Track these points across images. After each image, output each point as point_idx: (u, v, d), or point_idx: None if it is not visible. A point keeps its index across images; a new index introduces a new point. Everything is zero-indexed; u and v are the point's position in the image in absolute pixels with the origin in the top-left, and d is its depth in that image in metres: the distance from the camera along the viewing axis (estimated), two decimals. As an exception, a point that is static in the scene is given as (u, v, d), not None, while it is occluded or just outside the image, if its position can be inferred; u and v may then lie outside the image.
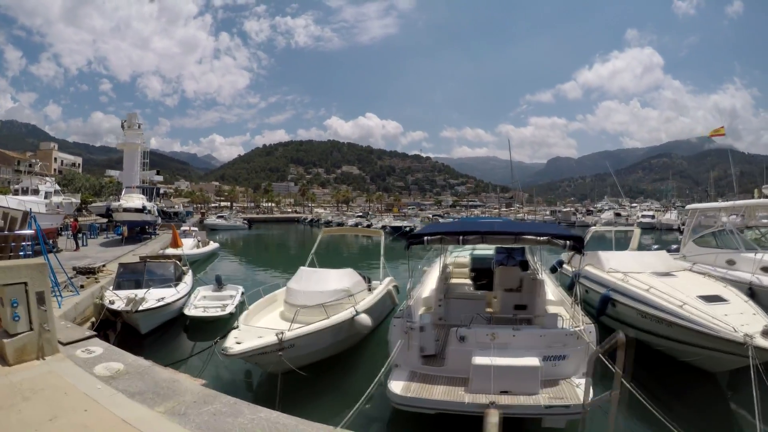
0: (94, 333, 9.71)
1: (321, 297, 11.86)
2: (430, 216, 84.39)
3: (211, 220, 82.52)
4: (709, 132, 34.09)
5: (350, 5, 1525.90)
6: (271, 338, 9.45)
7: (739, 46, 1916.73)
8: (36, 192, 39.55)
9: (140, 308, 13.30)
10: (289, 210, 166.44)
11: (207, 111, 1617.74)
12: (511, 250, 13.51)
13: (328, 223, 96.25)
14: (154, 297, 14.33)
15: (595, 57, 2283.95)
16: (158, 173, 66.02)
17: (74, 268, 18.52)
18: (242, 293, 18.63)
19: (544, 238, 9.23)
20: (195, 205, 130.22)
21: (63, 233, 33.21)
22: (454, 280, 13.78)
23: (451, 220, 79.15)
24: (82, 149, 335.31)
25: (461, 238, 9.39)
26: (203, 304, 17.03)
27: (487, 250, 15.50)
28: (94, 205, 62.88)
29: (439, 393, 7.97)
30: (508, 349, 8.36)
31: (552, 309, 10.59)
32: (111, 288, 15.58)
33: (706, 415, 9.16)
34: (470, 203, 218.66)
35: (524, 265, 13.25)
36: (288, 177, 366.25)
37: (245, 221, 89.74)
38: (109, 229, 42.44)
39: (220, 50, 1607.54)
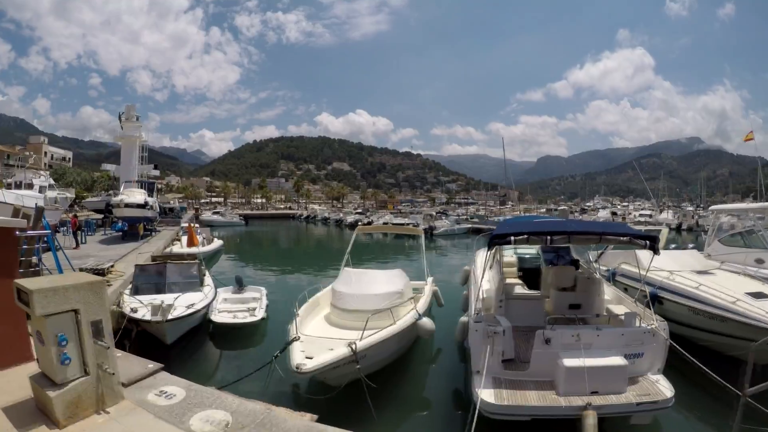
0: (161, 366, 7.59)
1: (375, 300, 11.25)
2: (434, 213, 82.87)
3: (207, 216, 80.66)
4: (743, 137, 36.38)
5: (342, 1, 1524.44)
6: (343, 350, 8.62)
7: (730, 48, 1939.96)
8: (30, 186, 37.83)
9: (170, 317, 11.86)
10: (281, 206, 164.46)
11: (197, 106, 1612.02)
12: (558, 249, 13.07)
13: (325, 220, 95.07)
14: (182, 303, 12.94)
15: (586, 57, 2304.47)
16: (156, 167, 64.09)
17: (81, 269, 16.98)
18: (266, 295, 17.59)
19: (626, 238, 9.00)
20: (188, 201, 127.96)
21: (60, 230, 31.61)
22: (508, 280, 12.92)
23: (455, 216, 77.88)
24: (71, 144, 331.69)
25: (549, 238, 8.92)
26: (227, 307, 15.84)
27: (530, 249, 14.94)
28: (88, 200, 60.88)
29: (533, 398, 7.76)
30: (591, 349, 8.23)
31: (612, 308, 10.80)
32: (128, 292, 14.18)
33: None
34: (464, 200, 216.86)
35: (574, 264, 12.81)
36: (279, 173, 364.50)
37: (241, 217, 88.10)
38: (106, 225, 40.76)
39: (211, 45, 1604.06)
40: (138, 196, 34.95)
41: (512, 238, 8.96)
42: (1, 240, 6.46)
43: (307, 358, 8.39)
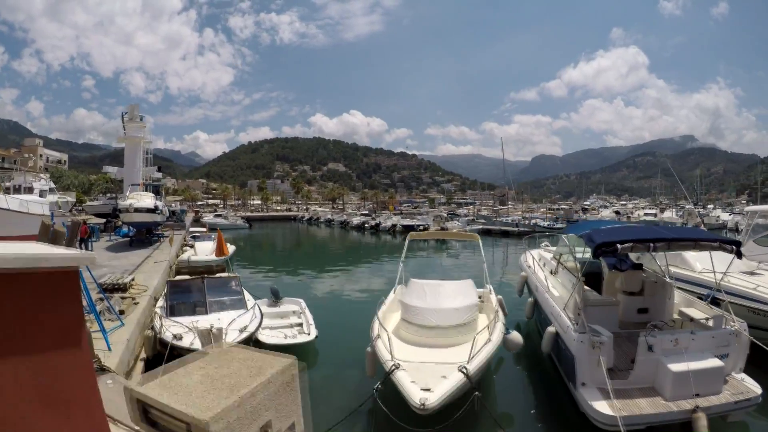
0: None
1: (455, 315, 10.74)
2: (445, 215, 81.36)
3: (209, 219, 78.69)
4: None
5: (336, 2, 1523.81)
6: (458, 375, 7.93)
7: (724, 46, 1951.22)
8: (30, 190, 35.89)
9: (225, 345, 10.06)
10: (278, 207, 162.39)
11: (190, 108, 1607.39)
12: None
13: (329, 222, 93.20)
14: (235, 326, 11.25)
15: (580, 55, 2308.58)
16: (159, 170, 61.74)
17: (98, 285, 15.07)
18: (307, 307, 16.05)
19: (716, 243, 9.13)
20: (187, 204, 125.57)
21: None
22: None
23: (465, 216, 76.34)
24: (64, 146, 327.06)
25: (651, 245, 8.80)
26: (267, 324, 14.03)
27: (585, 253, 13.83)
28: (89, 203, 58.57)
29: (645, 406, 7.81)
30: (688, 352, 8.29)
31: (686, 311, 10.67)
32: (160, 311, 12.40)
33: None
34: (463, 200, 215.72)
35: (637, 268, 12.43)
36: (274, 174, 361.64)
37: (245, 220, 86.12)
38: (109, 230, 38.86)
39: (204, 46, 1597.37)
40: (148, 200, 33.04)
41: (618, 246, 8.57)
42: (60, 290, 3.06)
43: (423, 390, 7.46)
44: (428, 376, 7.99)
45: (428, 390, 7.43)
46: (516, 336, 10.59)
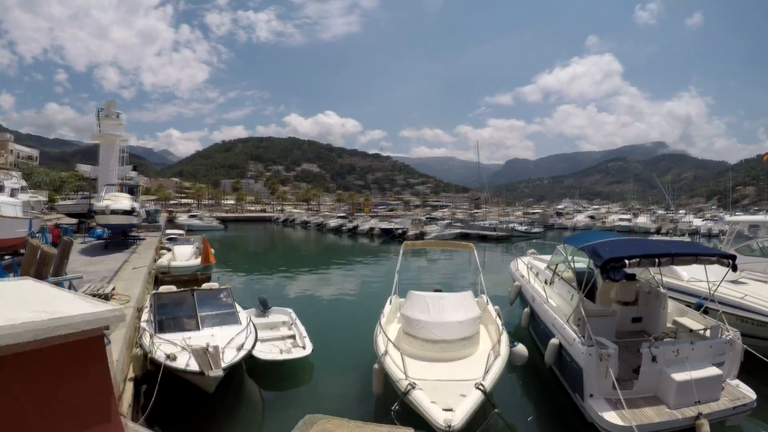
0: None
1: (460, 328, 10.58)
2: (423, 218, 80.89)
3: (184, 219, 77.01)
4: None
5: (314, 1, 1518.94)
6: (476, 393, 7.87)
7: (697, 56, 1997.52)
8: (0, 189, 34.51)
9: (225, 364, 9.53)
10: (252, 208, 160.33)
11: (164, 105, 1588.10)
12: None
13: (305, 224, 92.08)
14: (233, 344, 10.65)
15: (556, 62, 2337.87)
16: (134, 169, 59.97)
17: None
18: (297, 318, 15.54)
19: (714, 258, 9.44)
20: (161, 203, 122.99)
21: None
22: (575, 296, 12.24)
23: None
24: (35, 141, 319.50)
25: (657, 260, 9.05)
26: (260, 336, 13.21)
27: (583, 262, 13.58)
28: (61, 203, 56.41)
29: (652, 415, 8.12)
30: (688, 362, 8.68)
31: (680, 320, 11.18)
32: (146, 326, 11.64)
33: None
34: (438, 203, 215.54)
35: (630, 278, 12.69)
36: (248, 174, 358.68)
37: (220, 221, 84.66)
38: (81, 230, 37.68)
39: (180, 42, 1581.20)
40: (124, 201, 32.03)
41: (627, 261, 8.83)
42: (82, 359, 2.58)
43: (445, 410, 7.31)
44: (446, 395, 7.86)
45: (450, 410, 7.30)
46: (522, 349, 10.48)
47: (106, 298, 14.32)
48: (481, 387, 7.96)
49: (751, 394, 8.77)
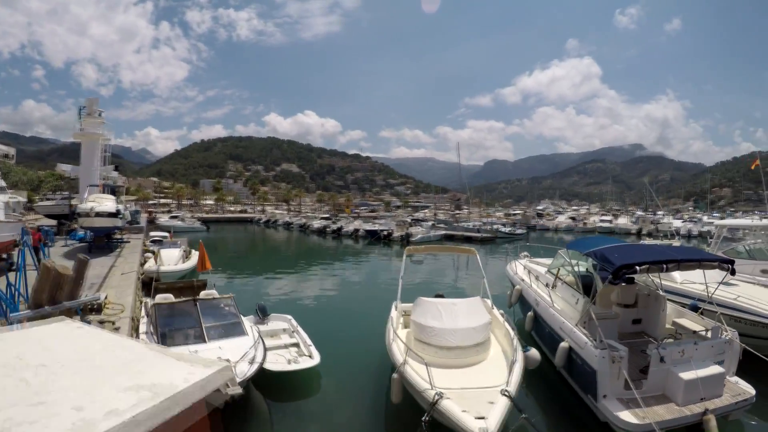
0: None
1: (474, 334, 10.65)
2: (409, 219, 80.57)
3: (165, 220, 75.61)
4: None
5: (295, 0, 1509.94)
6: (504, 399, 7.89)
7: (675, 61, 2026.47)
8: (-22, 190, 33.37)
9: (240, 378, 9.15)
10: (231, 208, 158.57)
11: (143, 103, 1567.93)
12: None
13: (288, 225, 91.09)
14: (245, 358, 10.19)
15: (536, 64, 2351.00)
16: (116, 169, 58.47)
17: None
18: (298, 325, 15.26)
19: (715, 263, 10.06)
20: (141, 203, 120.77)
21: (19, 243, 27.57)
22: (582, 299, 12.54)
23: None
24: (11, 139, 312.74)
25: (665, 266, 9.57)
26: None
27: (584, 266, 14.13)
28: (41, 204, 54.66)
29: (663, 412, 8.58)
30: (692, 361, 9.20)
31: (680, 322, 11.73)
32: (149, 341, 11.12)
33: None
34: (418, 203, 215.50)
35: (630, 282, 12.67)
36: (227, 174, 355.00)
37: (202, 222, 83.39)
38: (62, 232, 36.68)
39: (160, 40, 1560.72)
40: (109, 203, 31.17)
41: (637, 268, 9.28)
42: None
43: (477, 419, 7.29)
44: (474, 403, 7.84)
45: (482, 418, 7.27)
46: (535, 353, 10.49)
47: (99, 308, 13.77)
48: (507, 393, 8.04)
49: (750, 390, 9.44)
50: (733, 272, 10.12)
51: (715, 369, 9.21)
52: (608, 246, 11.35)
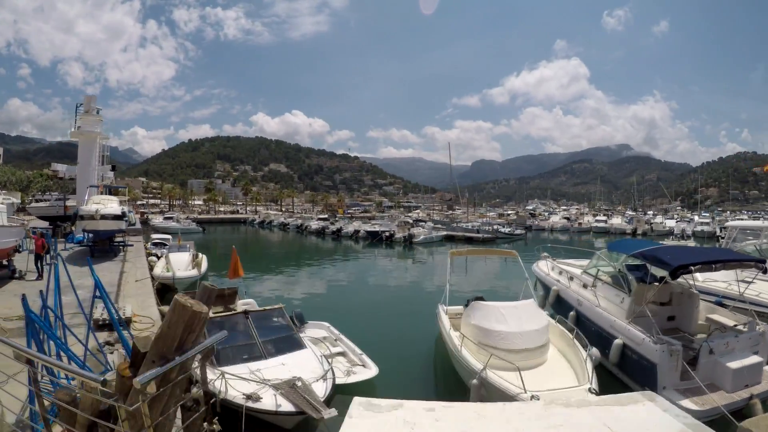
0: None
1: (538, 336, 11.14)
2: (411, 220, 79.67)
3: (159, 222, 73.84)
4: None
5: (283, 0, 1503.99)
6: (593, 398, 8.09)
7: (661, 62, 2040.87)
8: (-29, 191, 31.87)
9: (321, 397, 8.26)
10: (221, 209, 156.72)
11: (129, 102, 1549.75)
12: (645, 266, 13.26)
13: (283, 226, 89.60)
14: (315, 374, 9.29)
15: (524, 65, 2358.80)
16: (113, 169, 56.51)
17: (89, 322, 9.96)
18: (339, 333, 14.51)
19: (752, 263, 11.03)
20: (132, 204, 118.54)
21: (21, 250, 26.10)
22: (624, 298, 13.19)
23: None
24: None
25: (713, 266, 10.56)
26: None
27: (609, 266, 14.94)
28: (35, 205, 52.51)
29: (717, 399, 9.12)
30: (735, 352, 10.00)
31: (714, 317, 12.42)
32: (201, 363, 9.91)
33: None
34: (409, 204, 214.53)
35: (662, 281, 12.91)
36: (215, 174, 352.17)
37: (197, 223, 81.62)
38: (58, 235, 35.23)
39: (147, 38, 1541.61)
40: (113, 205, 29.91)
41: (692, 267, 10.11)
42: None
43: None
44: None
45: None
46: (596, 351, 11.10)
47: (127, 323, 12.72)
48: (594, 391, 8.72)
49: None
50: (765, 271, 10.92)
51: (755, 358, 10.05)
52: (656, 248, 12.50)
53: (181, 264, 26.51)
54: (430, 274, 35.26)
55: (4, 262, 21.67)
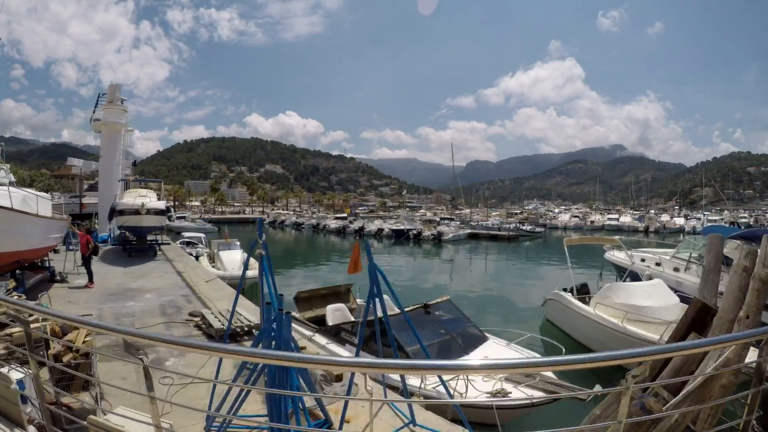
0: None
1: (680, 310, 11.36)
2: (438, 219, 78.24)
3: (173, 222, 71.40)
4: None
5: (277, 1, 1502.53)
6: None
7: (656, 62, 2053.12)
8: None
9: None
10: (220, 210, 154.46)
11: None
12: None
13: (298, 226, 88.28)
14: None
15: (518, 65, 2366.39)
16: (134, 164, 53.50)
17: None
18: None
19: None
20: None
21: (70, 248, 22.94)
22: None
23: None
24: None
25: None
26: None
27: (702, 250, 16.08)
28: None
29: None
30: None
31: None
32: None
33: None
34: (410, 204, 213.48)
35: None
36: (211, 175, 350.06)
37: (213, 223, 79.78)
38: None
39: (141, 39, 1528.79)
40: (154, 199, 27.33)
41: None
42: None
43: None
44: None
45: None
46: None
47: (249, 331, 10.82)
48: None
49: None
50: None
51: None
52: (755, 229, 13.08)
53: (234, 263, 24.51)
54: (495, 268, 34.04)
55: (45, 263, 18.90)
